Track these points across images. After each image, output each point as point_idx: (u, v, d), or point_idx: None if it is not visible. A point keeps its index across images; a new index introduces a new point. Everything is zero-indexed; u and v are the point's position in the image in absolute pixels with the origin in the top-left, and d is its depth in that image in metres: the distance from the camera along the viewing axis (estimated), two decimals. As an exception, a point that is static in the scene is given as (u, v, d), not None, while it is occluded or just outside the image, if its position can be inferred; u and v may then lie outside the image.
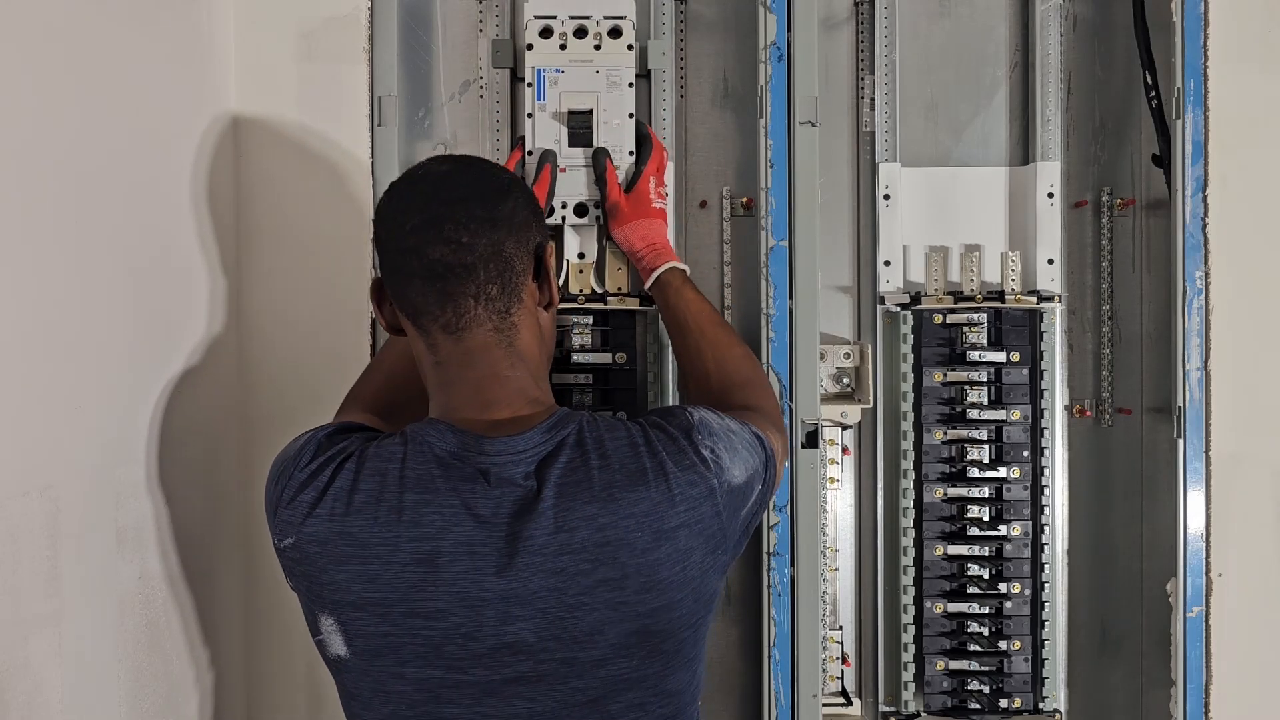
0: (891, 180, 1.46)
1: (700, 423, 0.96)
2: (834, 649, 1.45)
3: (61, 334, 0.94)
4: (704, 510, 0.91)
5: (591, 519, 0.88)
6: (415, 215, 0.93)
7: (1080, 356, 1.50)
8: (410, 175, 0.99)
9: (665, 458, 0.92)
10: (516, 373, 0.95)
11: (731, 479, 0.94)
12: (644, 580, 0.89)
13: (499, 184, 0.96)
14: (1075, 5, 1.48)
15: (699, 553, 0.92)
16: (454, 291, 0.92)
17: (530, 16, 1.34)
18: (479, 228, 0.92)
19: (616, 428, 0.94)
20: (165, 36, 1.17)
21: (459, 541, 0.88)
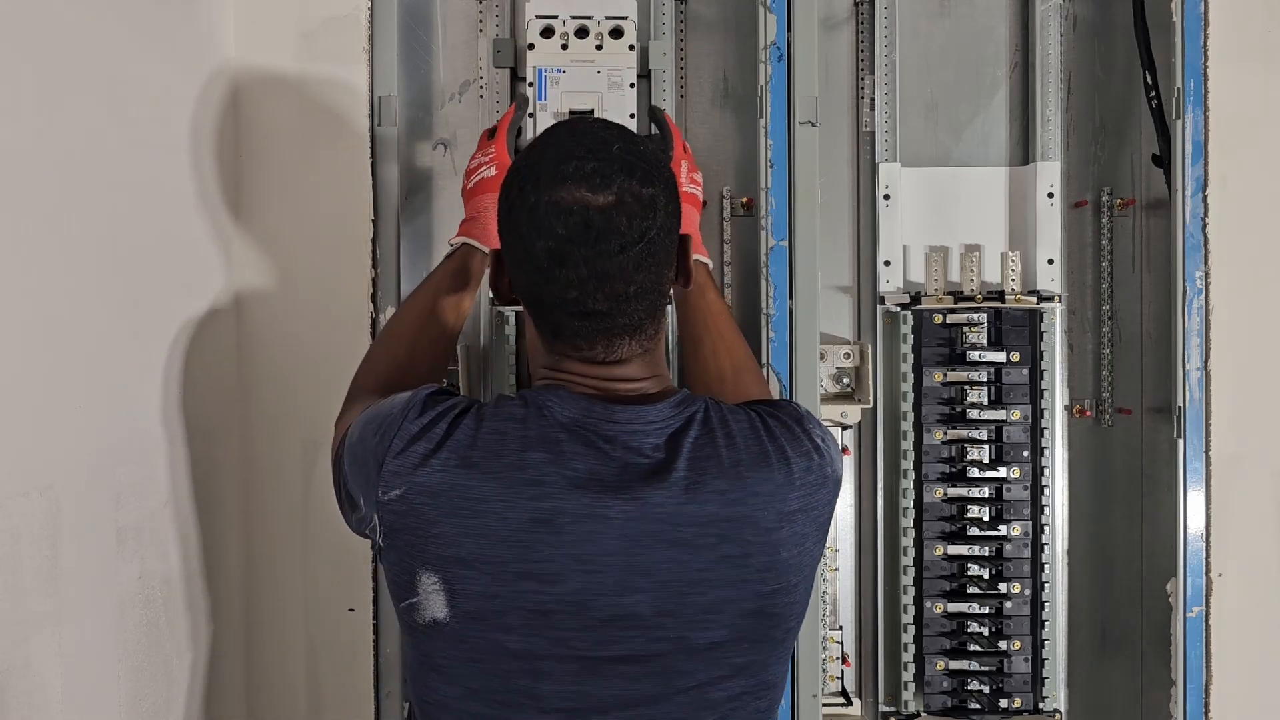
0: (891, 180, 1.46)
1: (807, 413, 0.96)
2: (834, 649, 1.45)
3: (61, 334, 0.94)
4: (819, 497, 0.92)
5: (722, 493, 0.87)
6: (577, 269, 0.86)
7: (1080, 356, 1.50)
8: (562, 207, 0.86)
9: (784, 443, 0.91)
10: (645, 360, 0.93)
11: (839, 470, 0.95)
12: (767, 559, 0.88)
13: (657, 211, 0.88)
14: (1075, 5, 1.48)
15: (812, 539, 0.92)
16: (610, 331, 0.89)
17: (531, 16, 1.34)
18: (643, 274, 0.87)
19: (737, 411, 0.93)
20: (165, 36, 1.17)
21: (583, 504, 0.85)
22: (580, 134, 0.91)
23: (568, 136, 0.91)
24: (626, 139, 0.91)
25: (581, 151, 0.88)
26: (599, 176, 0.86)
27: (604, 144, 0.88)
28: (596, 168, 0.86)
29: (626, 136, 0.91)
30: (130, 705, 1.05)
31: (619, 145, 0.88)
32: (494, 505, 0.85)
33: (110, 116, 1.04)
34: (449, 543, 0.85)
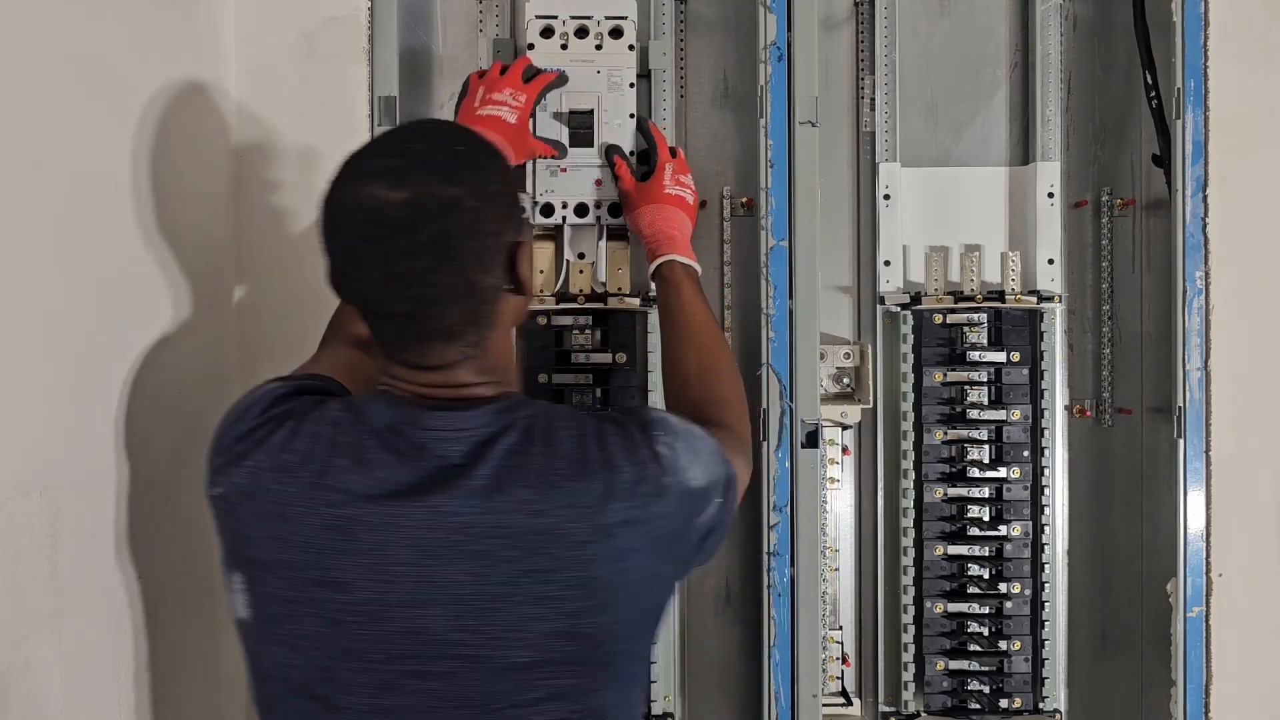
0: (891, 180, 1.46)
1: (660, 420, 0.91)
2: (834, 649, 1.45)
3: (61, 334, 0.94)
4: (654, 510, 0.86)
5: (525, 504, 0.83)
6: (371, 268, 0.84)
7: (1080, 356, 1.50)
8: (357, 203, 0.84)
9: (615, 451, 0.86)
10: (475, 365, 0.89)
11: (690, 480, 0.88)
12: (576, 575, 0.83)
13: (458, 212, 0.84)
14: (1075, 5, 1.48)
15: (642, 556, 0.86)
16: (420, 336, 0.86)
17: (531, 16, 1.34)
18: (445, 276, 0.84)
19: (570, 418, 0.89)
20: (165, 36, 1.16)
21: (378, 512, 0.83)
22: (398, 131, 0.91)
23: (386, 133, 0.92)
24: (440, 138, 0.89)
25: (386, 149, 0.88)
26: (396, 174, 0.84)
27: (411, 141, 0.88)
28: (395, 165, 0.84)
29: (443, 136, 0.90)
30: (130, 705, 1.05)
31: (425, 144, 0.87)
32: (294, 510, 0.84)
33: (110, 116, 1.04)
34: (255, 545, 0.86)
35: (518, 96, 1.25)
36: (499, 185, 0.88)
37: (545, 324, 1.39)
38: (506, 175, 0.91)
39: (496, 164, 0.90)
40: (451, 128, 0.93)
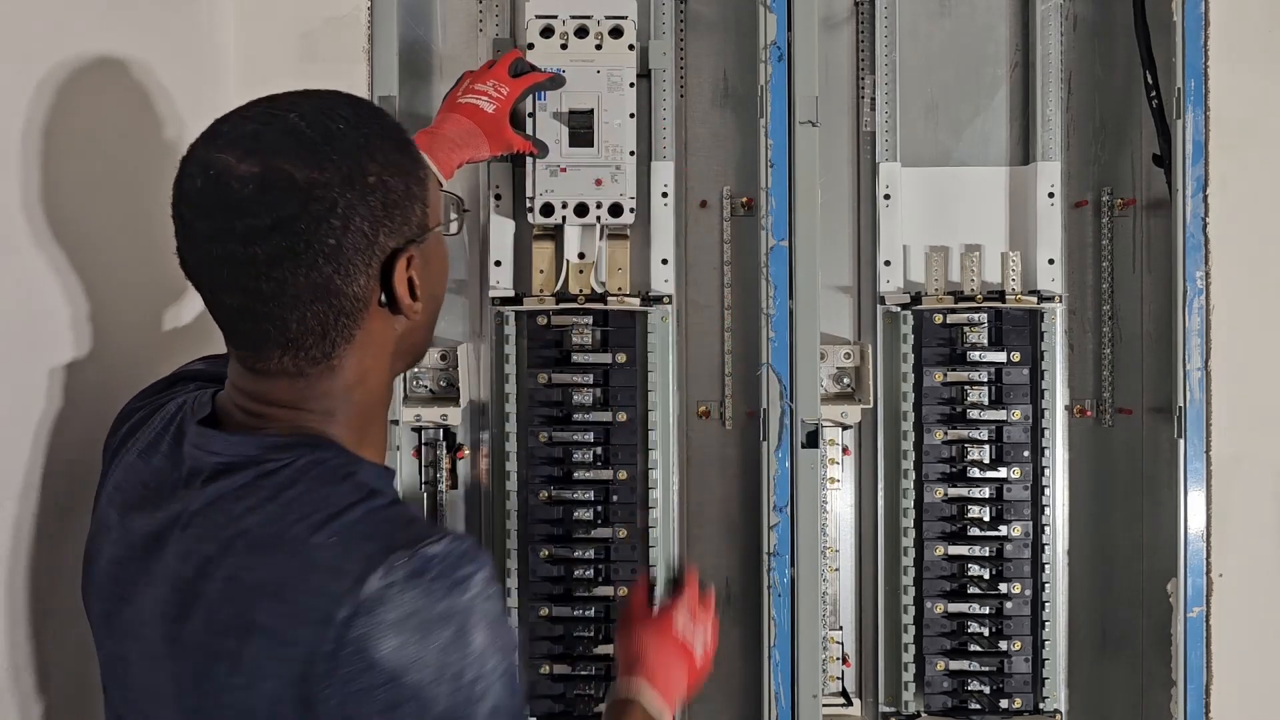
0: (892, 180, 1.46)
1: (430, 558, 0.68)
2: (834, 649, 1.45)
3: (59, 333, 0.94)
4: (303, 634, 0.67)
5: (198, 559, 0.72)
6: (200, 245, 0.72)
7: (1081, 356, 1.50)
8: (199, 169, 0.72)
9: (331, 545, 0.69)
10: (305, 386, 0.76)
11: (375, 640, 0.66)
12: (201, 665, 0.71)
13: (316, 201, 0.71)
14: (1075, 5, 1.48)
15: (273, 684, 0.68)
16: (255, 335, 0.75)
17: (531, 16, 1.34)
18: (287, 272, 0.71)
19: (343, 484, 0.73)
20: (165, 36, 1.16)
21: (121, 522, 0.78)
22: (285, 95, 0.77)
23: (271, 95, 0.78)
24: (323, 110, 0.75)
25: (255, 111, 0.75)
26: (252, 141, 0.71)
27: (287, 108, 0.74)
28: (254, 131, 0.72)
29: (327, 109, 0.75)
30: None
31: (301, 114, 0.73)
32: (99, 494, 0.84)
33: (109, 116, 1.04)
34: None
35: (500, 88, 1.25)
36: (384, 176, 0.74)
37: (545, 324, 1.39)
38: (402, 168, 0.76)
39: (389, 151, 0.75)
40: (348, 102, 0.77)
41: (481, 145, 1.23)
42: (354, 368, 0.77)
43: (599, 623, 1.39)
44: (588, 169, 1.34)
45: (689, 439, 1.49)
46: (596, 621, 1.39)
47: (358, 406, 0.78)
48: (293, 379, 0.75)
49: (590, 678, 1.39)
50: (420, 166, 0.79)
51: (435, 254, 0.81)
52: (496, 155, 1.27)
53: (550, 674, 1.39)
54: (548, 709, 1.39)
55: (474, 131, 1.23)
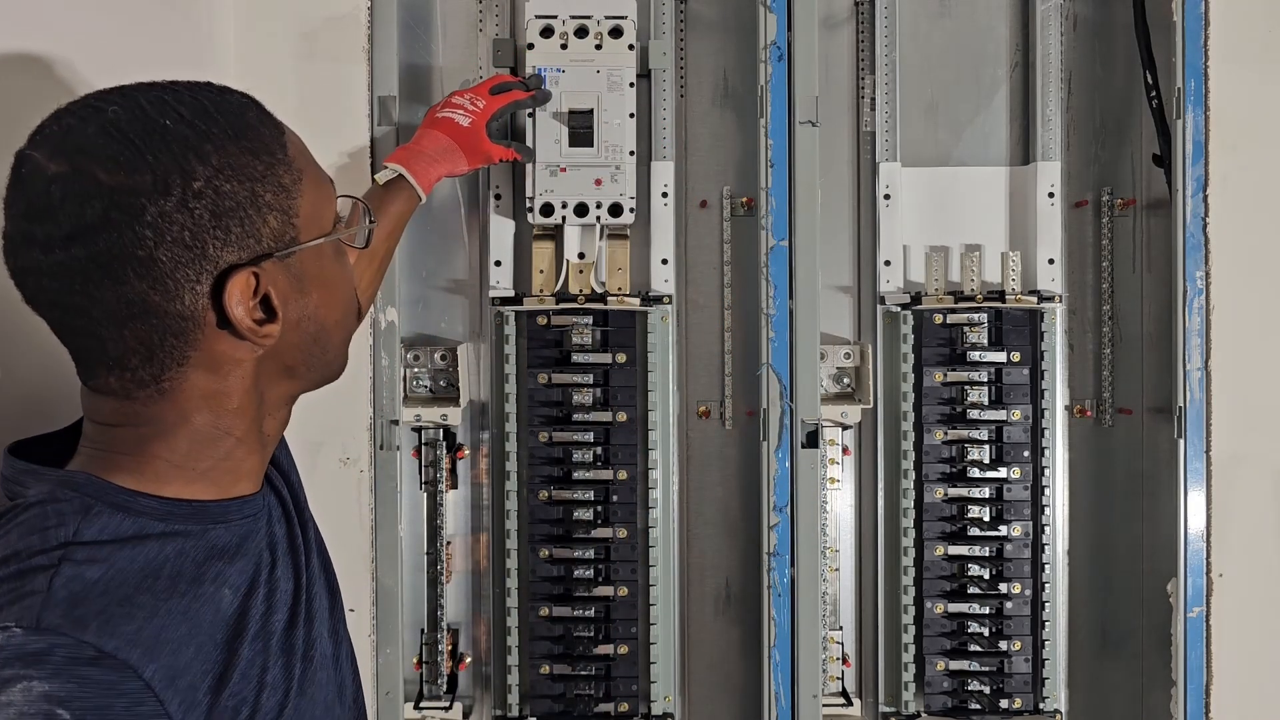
0: (892, 180, 1.46)
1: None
2: (834, 649, 1.45)
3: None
4: None
5: None
6: (11, 254, 0.65)
7: (1081, 356, 1.50)
8: (16, 163, 0.65)
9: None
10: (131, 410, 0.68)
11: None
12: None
13: (127, 208, 0.62)
14: (1076, 5, 1.48)
15: None
16: (76, 353, 0.68)
17: (531, 16, 1.34)
18: (99, 288, 0.63)
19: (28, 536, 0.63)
20: (165, 36, 1.16)
21: None
22: (126, 86, 0.68)
23: (117, 87, 0.68)
24: (152, 103, 0.65)
25: (80, 103, 0.66)
26: (63, 138, 0.64)
27: (115, 100, 0.66)
28: (70, 127, 0.64)
29: (158, 101, 0.66)
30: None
31: (127, 107, 0.65)
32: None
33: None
34: None
35: (477, 102, 1.27)
36: (217, 181, 0.64)
37: (545, 324, 1.39)
38: (248, 172, 0.66)
39: (232, 154, 0.66)
40: (198, 94, 0.67)
41: (459, 159, 1.25)
42: (192, 391, 0.68)
43: (599, 623, 1.39)
44: (587, 169, 1.34)
45: (689, 439, 1.49)
46: (596, 621, 1.39)
47: (187, 434, 0.69)
48: (120, 400, 0.68)
49: (590, 678, 1.39)
50: (283, 167, 0.69)
51: (317, 272, 0.71)
52: (477, 167, 1.29)
53: (550, 674, 1.39)
54: (548, 709, 1.39)
55: (450, 147, 1.24)
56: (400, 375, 1.34)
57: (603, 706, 1.39)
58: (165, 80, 0.69)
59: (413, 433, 1.42)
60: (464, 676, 1.46)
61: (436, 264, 1.47)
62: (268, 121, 0.70)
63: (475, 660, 1.47)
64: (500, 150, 1.29)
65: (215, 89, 0.69)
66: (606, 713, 1.39)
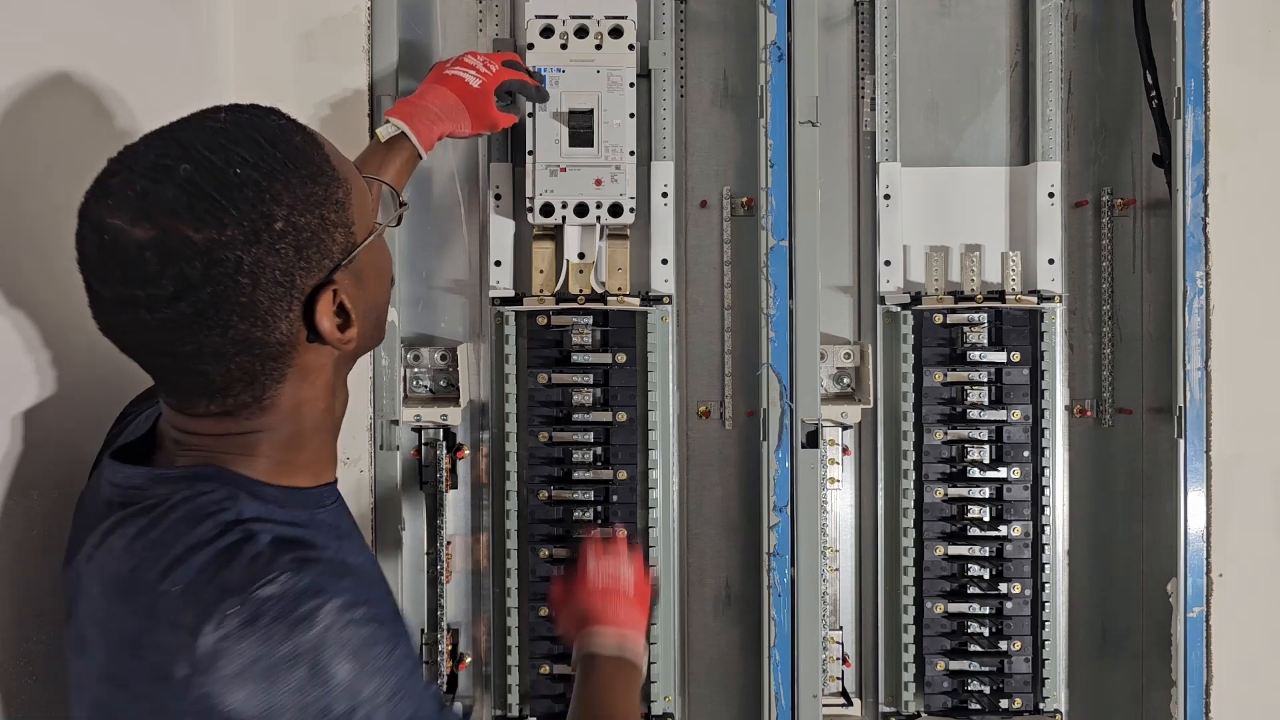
0: (892, 180, 1.46)
1: (264, 600, 0.65)
2: (834, 649, 1.45)
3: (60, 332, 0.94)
4: (153, 691, 0.66)
5: (93, 599, 0.71)
6: (111, 314, 0.69)
7: (1081, 356, 1.50)
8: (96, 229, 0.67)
9: (174, 594, 0.66)
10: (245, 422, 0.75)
11: (219, 697, 0.64)
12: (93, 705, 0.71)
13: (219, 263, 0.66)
14: (1076, 5, 1.48)
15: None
16: (174, 389, 0.74)
17: (531, 16, 1.34)
18: (202, 333, 0.67)
19: (200, 525, 0.69)
20: (165, 36, 1.16)
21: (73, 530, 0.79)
22: (171, 133, 0.70)
23: (158, 133, 0.70)
24: (214, 152, 0.68)
25: (145, 161, 0.68)
26: (143, 202, 0.66)
27: (174, 156, 0.67)
28: (145, 190, 0.66)
29: (219, 149, 0.68)
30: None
31: (193, 162, 0.67)
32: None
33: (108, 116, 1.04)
34: None
35: (490, 65, 1.23)
36: (293, 218, 0.68)
37: (545, 324, 1.39)
38: (313, 198, 0.70)
39: (296, 186, 0.69)
40: (246, 133, 0.69)
41: (463, 120, 1.20)
42: (288, 401, 0.74)
43: (599, 623, 1.39)
44: (587, 169, 1.34)
45: (689, 439, 1.49)
46: (596, 621, 1.39)
47: (286, 436, 0.75)
48: (220, 419, 0.73)
49: (590, 678, 1.39)
50: (336, 184, 0.72)
51: (370, 264, 0.76)
52: (479, 133, 1.24)
53: (550, 674, 1.39)
54: (547, 709, 1.39)
55: (457, 106, 1.20)
56: (400, 375, 1.34)
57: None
58: (202, 112, 0.72)
59: (413, 433, 1.42)
60: (464, 676, 1.46)
61: (436, 264, 1.47)
62: (309, 139, 0.73)
63: (475, 660, 1.47)
64: (504, 117, 1.25)
65: (255, 114, 0.72)
66: (606, 713, 1.39)
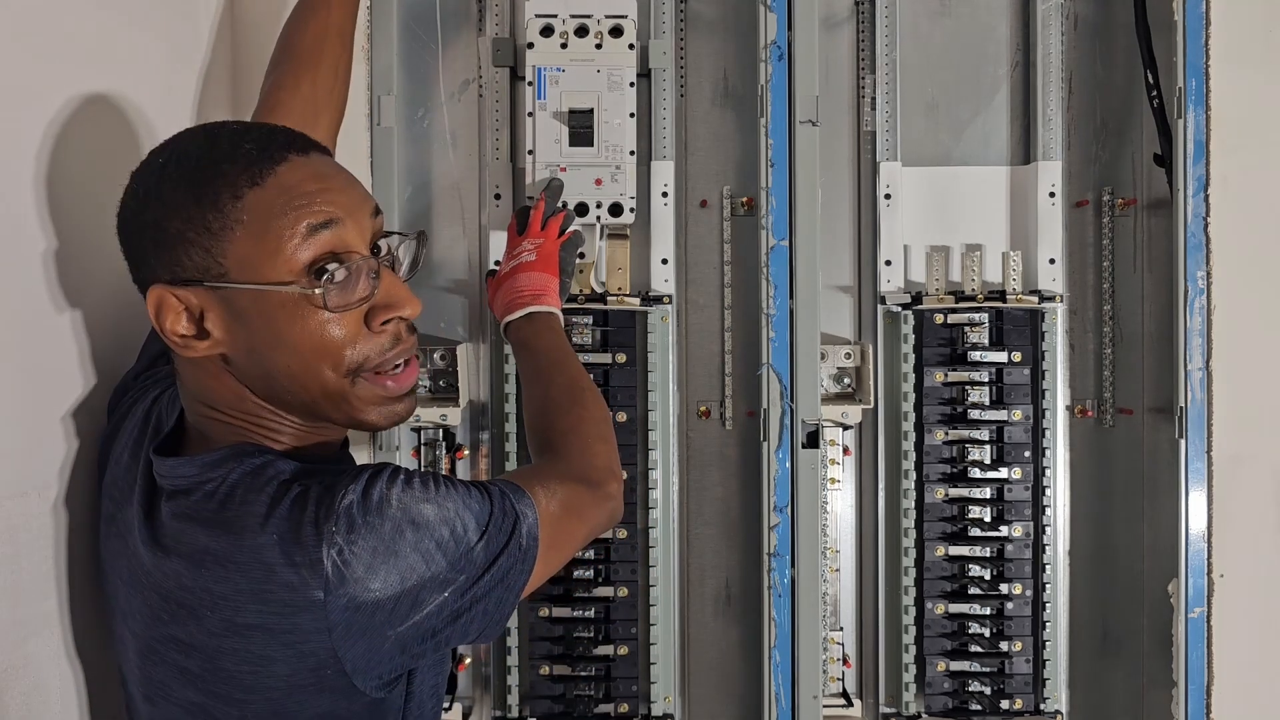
0: (892, 180, 1.45)
1: (349, 509, 0.76)
2: (835, 650, 1.45)
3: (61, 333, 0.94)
4: (298, 621, 0.75)
5: (176, 575, 0.78)
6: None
7: (1082, 356, 1.49)
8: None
9: (274, 543, 0.75)
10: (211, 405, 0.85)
11: (363, 592, 0.75)
12: (208, 661, 0.79)
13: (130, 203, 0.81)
14: (1076, 4, 1.48)
15: (285, 665, 0.77)
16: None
17: (531, 15, 1.34)
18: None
19: (265, 489, 0.78)
20: (165, 36, 1.16)
21: (129, 527, 0.85)
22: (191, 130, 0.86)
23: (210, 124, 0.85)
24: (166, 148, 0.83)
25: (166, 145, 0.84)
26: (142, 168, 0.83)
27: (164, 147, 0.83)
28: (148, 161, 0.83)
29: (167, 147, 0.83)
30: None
31: (162, 152, 0.82)
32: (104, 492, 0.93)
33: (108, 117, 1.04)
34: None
35: (535, 240, 1.23)
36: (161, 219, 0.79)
37: (545, 324, 1.38)
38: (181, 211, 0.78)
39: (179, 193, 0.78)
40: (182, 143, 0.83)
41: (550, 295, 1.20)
42: (189, 383, 0.85)
43: (599, 623, 1.39)
44: (587, 169, 1.33)
45: (689, 439, 1.48)
46: (596, 622, 1.39)
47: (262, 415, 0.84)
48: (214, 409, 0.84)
49: (590, 678, 1.39)
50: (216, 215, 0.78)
51: (259, 313, 0.79)
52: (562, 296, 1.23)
53: (550, 674, 1.38)
54: (547, 709, 1.39)
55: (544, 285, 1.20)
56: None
57: (603, 707, 1.39)
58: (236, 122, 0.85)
59: (412, 433, 1.42)
60: (463, 677, 1.46)
61: (437, 264, 1.47)
62: (243, 172, 0.78)
63: (475, 660, 1.47)
64: (560, 260, 1.23)
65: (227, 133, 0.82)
66: (606, 713, 1.39)
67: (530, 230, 1.24)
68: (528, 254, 1.21)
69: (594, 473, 0.97)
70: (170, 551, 0.79)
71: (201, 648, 0.78)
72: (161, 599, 0.80)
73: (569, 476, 0.95)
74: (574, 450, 1.00)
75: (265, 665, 0.77)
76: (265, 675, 0.77)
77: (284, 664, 0.77)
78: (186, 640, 0.79)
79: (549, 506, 0.88)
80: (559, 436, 1.02)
